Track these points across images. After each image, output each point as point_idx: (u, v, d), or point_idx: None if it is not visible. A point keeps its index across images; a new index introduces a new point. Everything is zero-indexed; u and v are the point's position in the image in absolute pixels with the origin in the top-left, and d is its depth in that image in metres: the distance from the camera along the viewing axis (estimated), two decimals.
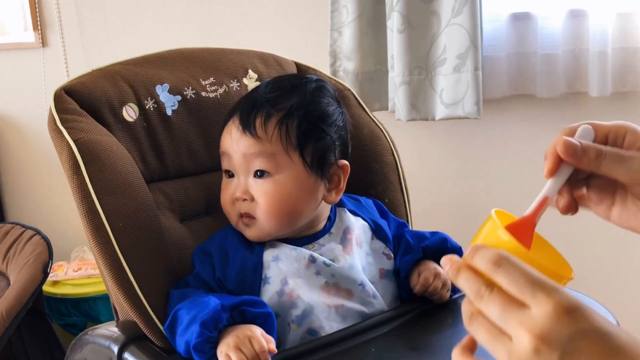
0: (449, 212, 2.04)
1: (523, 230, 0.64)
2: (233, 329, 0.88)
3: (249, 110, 1.02)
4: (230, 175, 1.04)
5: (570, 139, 0.63)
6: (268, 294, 0.97)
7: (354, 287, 1.01)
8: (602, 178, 0.66)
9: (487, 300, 0.54)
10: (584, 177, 0.67)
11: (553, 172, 0.64)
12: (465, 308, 0.57)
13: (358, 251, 1.05)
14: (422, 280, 1.03)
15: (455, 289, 1.06)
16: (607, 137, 0.65)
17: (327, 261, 1.01)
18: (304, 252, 1.01)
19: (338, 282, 1.00)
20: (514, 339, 0.52)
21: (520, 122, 1.98)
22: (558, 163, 0.64)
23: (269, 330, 0.90)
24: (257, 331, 0.87)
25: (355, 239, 1.06)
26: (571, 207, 0.68)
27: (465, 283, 0.56)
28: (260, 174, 1.00)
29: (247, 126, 1.00)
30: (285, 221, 1.01)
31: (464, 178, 2.03)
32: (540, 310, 0.51)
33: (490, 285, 0.54)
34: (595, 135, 0.65)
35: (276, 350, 0.87)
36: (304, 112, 1.01)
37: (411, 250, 1.06)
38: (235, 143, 1.01)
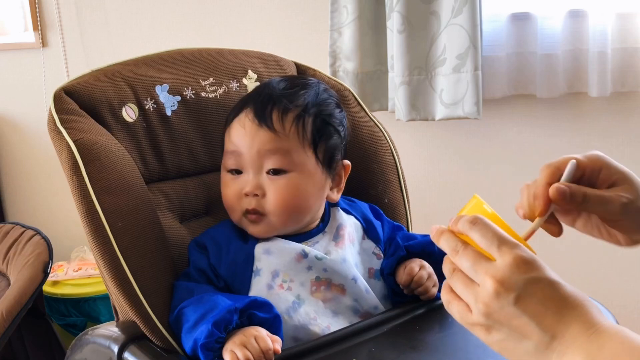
0: (449, 212, 2.02)
1: None
2: (240, 329, 0.89)
3: (264, 103, 1.01)
4: (237, 172, 1.03)
5: (561, 185, 0.71)
6: (258, 285, 0.98)
7: (346, 283, 1.01)
8: None
9: (461, 254, 0.66)
10: None
11: (544, 213, 0.72)
12: (446, 267, 0.68)
13: (350, 247, 1.06)
14: (408, 270, 1.03)
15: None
16: (584, 172, 0.73)
17: (319, 254, 1.01)
18: (296, 246, 1.02)
19: (330, 278, 1.01)
20: (480, 285, 0.63)
21: (520, 122, 1.97)
22: (548, 204, 0.72)
23: (275, 333, 0.91)
24: (263, 331, 0.89)
25: (348, 235, 1.07)
26: (560, 231, 0.76)
27: (444, 242, 0.68)
28: (275, 172, 1.00)
29: (264, 119, 1.00)
30: (293, 217, 1.02)
31: (464, 178, 2.03)
32: (503, 260, 0.62)
33: (465, 243, 0.66)
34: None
35: (280, 351, 0.88)
36: (318, 110, 1.03)
37: (398, 250, 1.07)
38: (250, 138, 1.00)
